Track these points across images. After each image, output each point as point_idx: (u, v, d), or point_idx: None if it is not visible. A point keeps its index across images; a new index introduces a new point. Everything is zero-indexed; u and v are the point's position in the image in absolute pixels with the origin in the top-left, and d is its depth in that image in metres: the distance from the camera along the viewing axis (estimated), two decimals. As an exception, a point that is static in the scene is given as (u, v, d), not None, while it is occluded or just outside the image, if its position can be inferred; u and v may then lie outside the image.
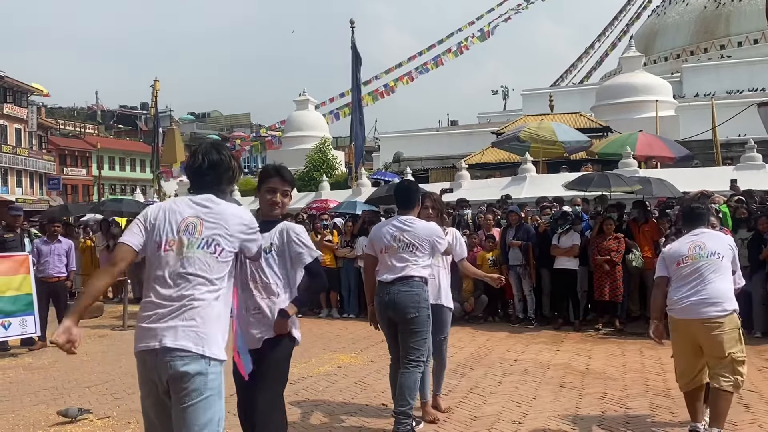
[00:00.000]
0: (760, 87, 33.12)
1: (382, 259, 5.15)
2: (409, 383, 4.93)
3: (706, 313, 4.67)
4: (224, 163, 3.24)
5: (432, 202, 5.67)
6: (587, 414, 5.67)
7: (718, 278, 4.74)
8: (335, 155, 32.65)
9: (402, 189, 5.36)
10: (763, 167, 14.09)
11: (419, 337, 4.99)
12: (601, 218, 10.20)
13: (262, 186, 3.94)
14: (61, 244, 9.77)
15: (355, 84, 23.69)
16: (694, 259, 4.85)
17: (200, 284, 3.01)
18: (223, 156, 3.25)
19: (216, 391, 2.93)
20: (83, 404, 6.21)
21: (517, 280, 10.61)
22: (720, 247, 4.87)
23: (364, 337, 9.63)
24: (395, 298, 4.98)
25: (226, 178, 3.26)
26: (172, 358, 2.87)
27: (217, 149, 3.27)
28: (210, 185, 3.22)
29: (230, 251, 3.13)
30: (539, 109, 30.92)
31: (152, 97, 33.12)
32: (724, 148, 21.50)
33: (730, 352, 4.60)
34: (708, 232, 5.02)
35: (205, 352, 2.90)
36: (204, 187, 3.22)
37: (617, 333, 9.61)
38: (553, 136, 17.58)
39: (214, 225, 3.10)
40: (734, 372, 4.59)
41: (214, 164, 3.22)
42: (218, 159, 3.23)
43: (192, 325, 2.92)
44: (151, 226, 3.14)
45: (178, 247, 3.05)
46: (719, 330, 4.64)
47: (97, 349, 9.18)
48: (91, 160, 62.08)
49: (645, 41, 44.05)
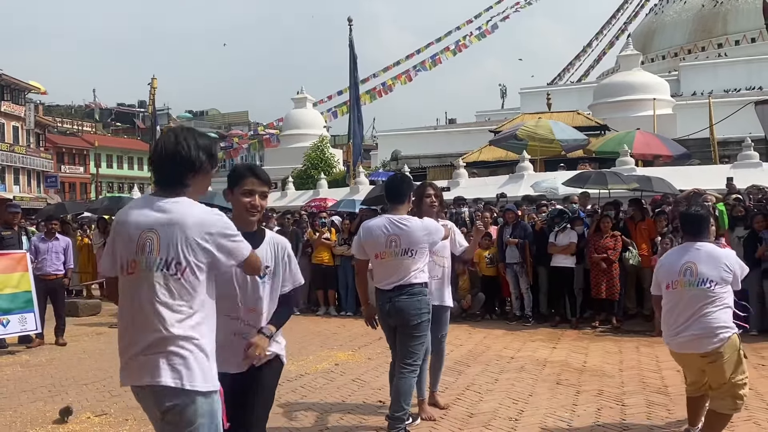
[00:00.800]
0: (758, 85, 33.19)
1: (378, 264, 4.92)
2: (405, 388, 4.88)
3: (703, 347, 4.45)
4: (182, 152, 2.68)
5: (435, 189, 5.49)
6: (584, 411, 5.69)
7: (713, 309, 4.45)
8: (333, 153, 32.67)
9: (393, 182, 5.10)
10: (760, 165, 14.13)
11: (418, 341, 4.91)
12: (598, 216, 10.23)
13: (235, 189, 3.28)
14: (59, 241, 9.77)
15: (353, 82, 23.68)
16: (682, 285, 4.55)
17: (169, 316, 2.60)
18: (181, 144, 2.69)
19: (207, 418, 2.64)
20: (80, 401, 6.23)
21: (514, 278, 10.63)
22: (712, 272, 4.49)
23: (361, 334, 9.65)
24: (396, 305, 4.84)
25: (189, 172, 2.71)
26: (155, 395, 2.62)
27: (176, 135, 2.74)
28: (171, 181, 2.70)
29: (198, 266, 2.64)
30: (537, 108, 30.95)
31: (150, 95, 33.02)
32: (721, 147, 21.53)
33: (731, 377, 4.43)
34: (702, 250, 4.58)
35: (185, 386, 2.58)
36: (165, 183, 2.72)
37: (614, 330, 9.64)
38: (550, 135, 17.62)
39: (172, 236, 2.61)
40: (734, 396, 4.43)
41: (171, 154, 2.69)
42: (174, 148, 2.69)
43: (170, 361, 2.59)
44: (112, 240, 2.77)
45: (137, 270, 2.64)
46: (719, 360, 4.46)
47: (94, 347, 9.18)
48: (88, 158, 62.05)
49: (643, 40, 44.09)
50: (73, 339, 9.71)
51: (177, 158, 2.68)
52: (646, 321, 9.87)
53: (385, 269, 4.89)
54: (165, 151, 2.70)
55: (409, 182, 5.08)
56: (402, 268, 4.84)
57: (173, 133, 2.74)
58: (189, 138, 2.72)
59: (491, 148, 23.19)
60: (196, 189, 2.75)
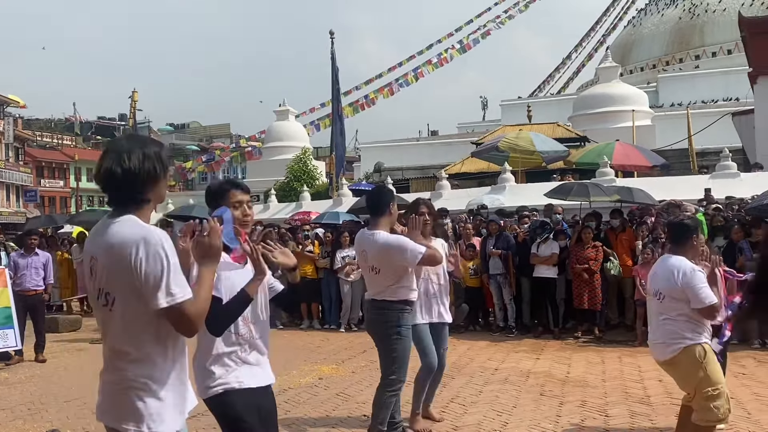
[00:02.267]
0: (735, 96, 33.64)
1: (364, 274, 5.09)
2: (378, 402, 4.90)
3: (661, 355, 4.60)
4: (125, 168, 2.35)
5: (428, 207, 5.44)
6: (567, 422, 5.71)
7: (669, 319, 4.52)
8: (316, 165, 32.64)
9: (371, 194, 5.06)
10: (738, 176, 14.29)
11: (388, 357, 4.86)
12: (580, 227, 10.31)
13: (223, 204, 3.16)
14: (38, 257, 9.66)
15: (335, 95, 23.76)
16: (647, 293, 4.80)
17: (119, 358, 2.38)
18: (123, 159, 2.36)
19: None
20: (61, 418, 6.15)
21: (497, 289, 10.67)
22: (660, 283, 4.57)
23: (345, 348, 9.62)
24: (368, 317, 5.01)
25: (139, 187, 2.39)
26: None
27: (116, 150, 2.40)
28: (120, 199, 2.41)
29: (128, 300, 2.31)
30: (518, 119, 31.17)
31: (130, 108, 32.95)
32: (699, 157, 21.80)
33: (697, 388, 4.46)
34: (665, 262, 4.64)
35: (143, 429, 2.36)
36: (115, 202, 2.42)
37: (596, 341, 9.69)
38: (531, 146, 17.74)
39: (104, 264, 2.35)
40: (704, 408, 4.43)
41: (112, 173, 2.36)
42: (115, 166, 2.36)
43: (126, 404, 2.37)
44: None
45: (93, 302, 2.48)
46: (676, 369, 4.59)
47: (75, 363, 9.07)
48: (68, 171, 61.45)
49: (621, 52, 44.59)
50: (53, 355, 9.59)
51: (121, 175, 2.35)
52: (627, 331, 9.94)
53: (366, 280, 5.05)
54: (106, 170, 2.38)
55: (386, 194, 5.01)
56: (373, 282, 4.90)
57: (113, 148, 2.43)
58: (132, 150, 2.39)
59: (473, 159, 23.27)
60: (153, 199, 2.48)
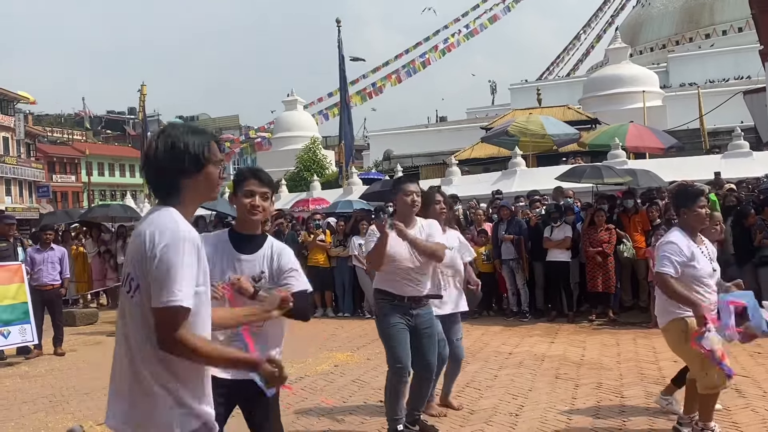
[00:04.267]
0: (746, 75, 33.35)
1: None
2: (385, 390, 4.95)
3: (659, 323, 4.79)
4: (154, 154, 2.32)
5: (443, 196, 5.48)
6: (583, 404, 5.73)
7: (657, 292, 4.73)
8: (325, 155, 32.66)
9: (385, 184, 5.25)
10: (750, 155, 14.18)
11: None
12: (593, 210, 10.28)
13: (237, 192, 3.29)
14: (54, 251, 9.75)
15: (343, 83, 23.72)
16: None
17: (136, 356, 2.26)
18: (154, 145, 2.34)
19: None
20: (82, 410, 6.23)
21: (510, 274, 10.68)
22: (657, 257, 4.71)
23: (359, 335, 9.67)
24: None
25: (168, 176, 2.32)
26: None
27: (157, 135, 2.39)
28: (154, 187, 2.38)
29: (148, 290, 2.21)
30: (527, 103, 31.02)
31: (140, 102, 32.95)
32: (711, 137, 21.62)
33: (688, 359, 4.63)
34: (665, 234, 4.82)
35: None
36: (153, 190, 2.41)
37: (611, 323, 9.69)
38: (541, 130, 17.63)
39: (131, 250, 2.31)
40: (700, 376, 4.53)
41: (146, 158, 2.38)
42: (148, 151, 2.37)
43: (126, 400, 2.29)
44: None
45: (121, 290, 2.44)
46: (666, 338, 4.75)
47: (93, 356, 9.18)
48: (80, 166, 61.87)
49: (631, 32, 44.23)
50: (72, 349, 9.70)
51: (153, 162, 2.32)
52: (642, 313, 9.94)
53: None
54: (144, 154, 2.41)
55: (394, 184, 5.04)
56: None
57: (157, 134, 2.40)
58: (167, 137, 2.33)
59: (483, 145, 23.19)
60: (192, 195, 2.36)
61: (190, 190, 2.34)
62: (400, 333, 4.76)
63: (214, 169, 2.38)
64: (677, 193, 4.88)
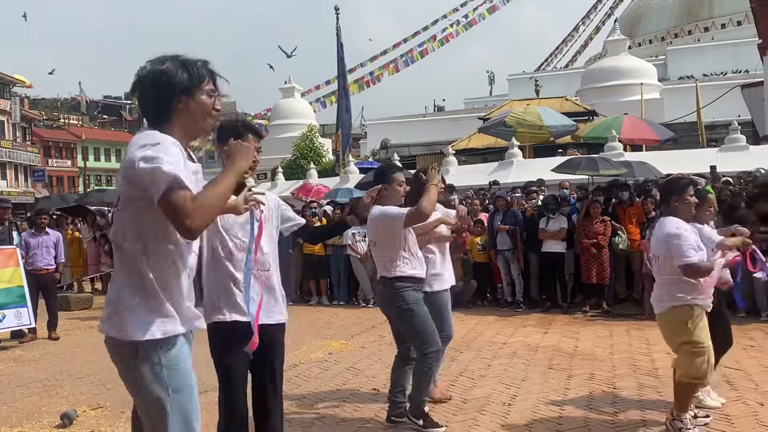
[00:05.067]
0: (744, 69, 33.33)
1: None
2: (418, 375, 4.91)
3: (655, 310, 4.79)
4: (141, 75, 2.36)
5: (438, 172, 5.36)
6: (576, 395, 5.75)
7: (660, 279, 4.72)
8: (322, 143, 32.60)
9: (375, 171, 5.16)
10: (747, 149, 14.20)
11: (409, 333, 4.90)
12: (588, 202, 10.30)
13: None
14: (49, 236, 9.74)
15: (341, 71, 23.65)
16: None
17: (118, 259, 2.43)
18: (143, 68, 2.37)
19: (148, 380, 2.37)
20: (75, 394, 6.24)
21: (505, 265, 10.70)
22: (653, 245, 4.75)
23: (354, 323, 9.70)
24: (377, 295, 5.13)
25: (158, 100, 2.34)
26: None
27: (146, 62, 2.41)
28: (143, 111, 2.43)
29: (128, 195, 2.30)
30: (525, 94, 31.00)
31: (136, 87, 32.81)
32: (708, 130, 21.66)
33: (680, 345, 4.60)
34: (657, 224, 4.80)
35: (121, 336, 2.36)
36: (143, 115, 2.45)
37: (604, 315, 9.72)
38: (539, 121, 17.64)
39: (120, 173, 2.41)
40: (685, 363, 4.54)
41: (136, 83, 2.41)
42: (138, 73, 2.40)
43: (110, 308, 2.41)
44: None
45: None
46: (663, 326, 4.73)
47: (87, 340, 9.18)
48: (76, 151, 61.63)
49: (629, 24, 44.18)
50: (66, 333, 9.71)
51: (145, 82, 2.35)
52: (635, 305, 9.97)
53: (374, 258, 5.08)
54: (137, 75, 2.39)
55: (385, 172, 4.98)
56: (375, 258, 4.97)
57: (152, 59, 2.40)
58: (161, 60, 2.35)
59: (480, 135, 23.20)
60: (183, 120, 2.37)
61: (181, 115, 2.35)
62: (430, 318, 4.85)
63: (208, 99, 2.40)
64: (669, 182, 4.93)
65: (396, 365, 5.14)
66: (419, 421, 4.88)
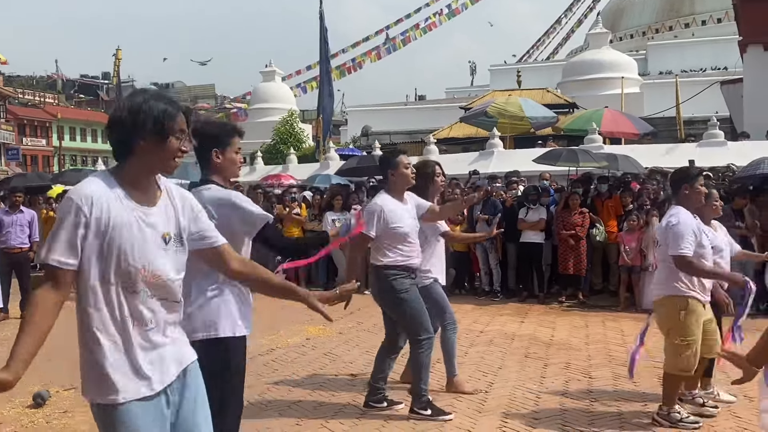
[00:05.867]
0: (723, 66, 33.68)
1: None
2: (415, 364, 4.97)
3: (652, 297, 4.87)
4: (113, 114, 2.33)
5: (440, 167, 5.51)
6: (552, 383, 5.80)
7: (660, 267, 4.80)
8: (302, 128, 32.40)
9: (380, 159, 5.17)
10: (725, 144, 14.34)
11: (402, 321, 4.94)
12: (567, 193, 10.36)
13: (227, 147, 3.28)
14: (24, 214, 9.59)
15: (324, 56, 23.46)
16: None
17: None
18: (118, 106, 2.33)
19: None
20: (49, 374, 6.16)
21: (483, 254, 10.74)
22: (659, 233, 4.81)
23: (332, 309, 9.60)
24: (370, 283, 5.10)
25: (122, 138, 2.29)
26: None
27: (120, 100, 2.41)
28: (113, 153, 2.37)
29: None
30: (506, 85, 31.02)
31: (114, 67, 32.43)
32: (687, 126, 21.82)
33: (669, 335, 4.66)
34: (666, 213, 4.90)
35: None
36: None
37: (580, 305, 9.81)
38: (520, 112, 17.65)
39: None
40: (672, 355, 4.61)
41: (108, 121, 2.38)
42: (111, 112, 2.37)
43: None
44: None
45: None
46: (657, 312, 4.79)
47: (61, 321, 9.02)
48: (51, 130, 60.63)
49: (612, 18, 44.38)
50: (39, 313, 9.56)
51: (115, 120, 2.28)
52: (611, 296, 10.07)
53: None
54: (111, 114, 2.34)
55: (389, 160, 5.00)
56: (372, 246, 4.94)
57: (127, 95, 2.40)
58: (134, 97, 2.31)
59: (461, 125, 23.17)
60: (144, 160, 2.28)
61: (143, 154, 2.26)
62: (424, 306, 4.88)
63: (175, 141, 2.30)
64: (680, 171, 4.96)
65: (381, 351, 5.15)
66: (426, 412, 4.89)
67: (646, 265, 9.16)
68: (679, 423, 4.60)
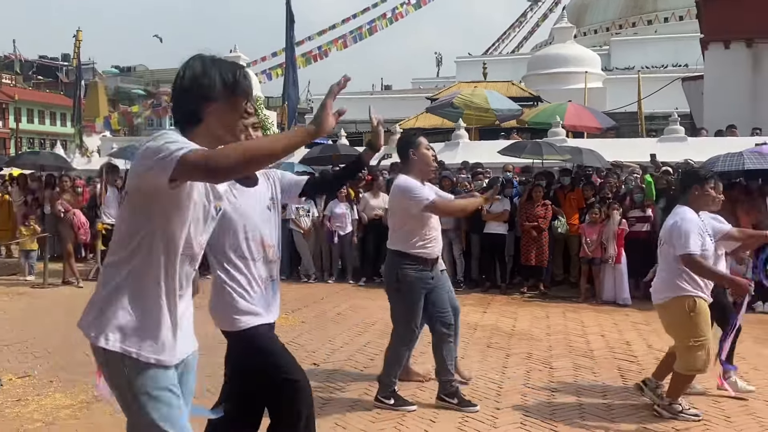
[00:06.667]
0: (684, 63, 34.25)
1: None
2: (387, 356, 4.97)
3: (654, 299, 4.82)
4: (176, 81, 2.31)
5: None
6: (513, 373, 5.84)
7: (662, 266, 4.77)
8: (267, 115, 32.07)
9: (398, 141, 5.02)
10: (685, 140, 14.59)
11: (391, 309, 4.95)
12: (530, 185, 10.43)
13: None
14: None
15: (289, 43, 23.20)
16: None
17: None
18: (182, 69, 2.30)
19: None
20: (2, 362, 6.00)
21: (447, 245, 10.74)
22: (662, 230, 4.82)
23: (295, 298, 9.61)
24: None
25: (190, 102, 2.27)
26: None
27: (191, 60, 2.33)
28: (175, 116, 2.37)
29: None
30: (472, 77, 31.10)
31: (74, 48, 31.63)
32: (648, 121, 22.17)
33: (680, 337, 4.64)
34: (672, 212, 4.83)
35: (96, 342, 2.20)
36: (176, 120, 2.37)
37: (541, 296, 9.90)
38: (486, 104, 17.73)
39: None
40: (685, 356, 4.58)
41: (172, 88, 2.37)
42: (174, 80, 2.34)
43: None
44: None
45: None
46: (664, 315, 4.77)
47: (14, 307, 8.84)
48: (7, 112, 59.02)
49: (577, 13, 44.74)
50: (-8, 299, 9.33)
51: (179, 87, 2.28)
52: (571, 287, 10.19)
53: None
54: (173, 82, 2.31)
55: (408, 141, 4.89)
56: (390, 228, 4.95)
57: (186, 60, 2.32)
58: (196, 61, 2.27)
59: (427, 115, 23.21)
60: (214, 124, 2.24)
61: (213, 119, 2.25)
62: (422, 301, 4.83)
63: (242, 100, 2.30)
64: (691, 172, 4.96)
65: (435, 346, 5.00)
66: (389, 401, 4.89)
67: (606, 258, 9.30)
68: (679, 414, 4.64)
